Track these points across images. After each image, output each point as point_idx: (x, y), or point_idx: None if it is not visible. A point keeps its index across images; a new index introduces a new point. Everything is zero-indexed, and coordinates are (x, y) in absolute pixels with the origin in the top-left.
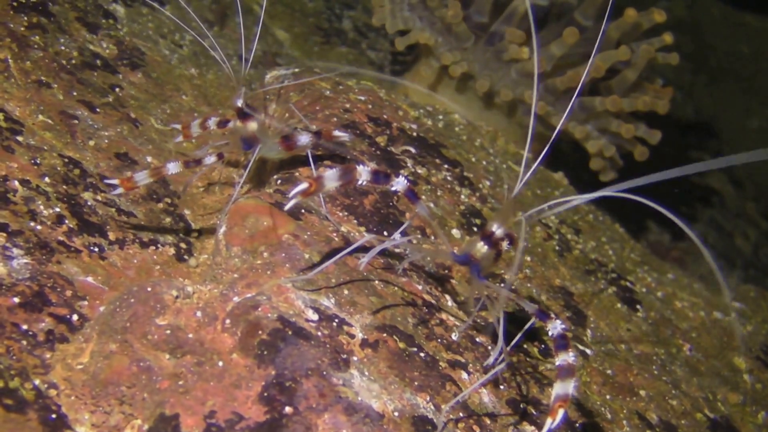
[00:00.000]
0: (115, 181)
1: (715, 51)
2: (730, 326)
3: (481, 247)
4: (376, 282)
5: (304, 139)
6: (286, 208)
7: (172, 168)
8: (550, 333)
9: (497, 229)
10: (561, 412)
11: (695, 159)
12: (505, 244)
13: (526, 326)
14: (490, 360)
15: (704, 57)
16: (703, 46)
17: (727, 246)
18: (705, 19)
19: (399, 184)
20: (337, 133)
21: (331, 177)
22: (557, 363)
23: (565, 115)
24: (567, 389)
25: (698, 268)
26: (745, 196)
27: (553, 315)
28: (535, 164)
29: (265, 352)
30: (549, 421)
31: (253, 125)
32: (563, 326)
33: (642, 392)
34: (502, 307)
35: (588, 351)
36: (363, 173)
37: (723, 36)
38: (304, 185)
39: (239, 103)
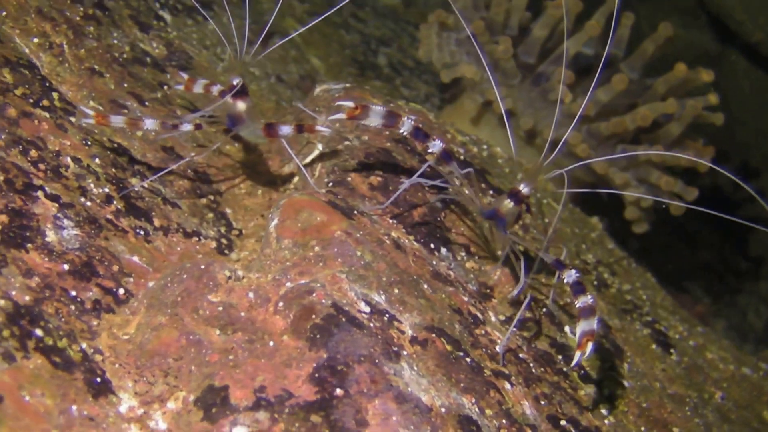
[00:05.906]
0: (90, 112)
1: (744, 125)
2: (759, 382)
3: (508, 204)
4: (426, 287)
5: (285, 129)
6: (337, 102)
7: (149, 124)
8: (566, 281)
9: (524, 188)
10: (590, 345)
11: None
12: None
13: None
14: (514, 293)
15: (731, 131)
16: (729, 120)
17: (740, 322)
18: (734, 90)
19: (435, 146)
20: (319, 128)
21: (377, 112)
22: (578, 305)
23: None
24: (592, 325)
25: (720, 328)
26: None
27: (568, 264)
28: (558, 147)
29: (318, 336)
30: (578, 353)
31: (242, 105)
32: (578, 273)
33: (675, 429)
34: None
35: (625, 383)
36: (405, 124)
37: (752, 111)
38: (351, 103)
39: (236, 81)
